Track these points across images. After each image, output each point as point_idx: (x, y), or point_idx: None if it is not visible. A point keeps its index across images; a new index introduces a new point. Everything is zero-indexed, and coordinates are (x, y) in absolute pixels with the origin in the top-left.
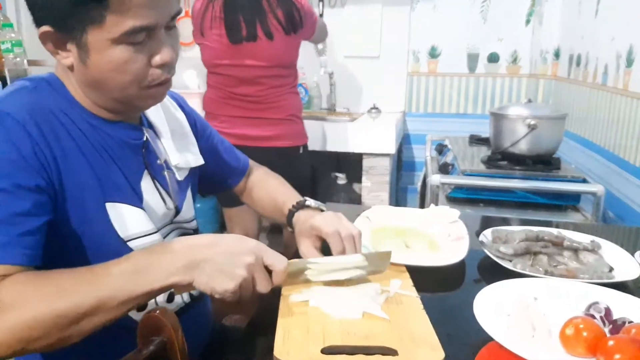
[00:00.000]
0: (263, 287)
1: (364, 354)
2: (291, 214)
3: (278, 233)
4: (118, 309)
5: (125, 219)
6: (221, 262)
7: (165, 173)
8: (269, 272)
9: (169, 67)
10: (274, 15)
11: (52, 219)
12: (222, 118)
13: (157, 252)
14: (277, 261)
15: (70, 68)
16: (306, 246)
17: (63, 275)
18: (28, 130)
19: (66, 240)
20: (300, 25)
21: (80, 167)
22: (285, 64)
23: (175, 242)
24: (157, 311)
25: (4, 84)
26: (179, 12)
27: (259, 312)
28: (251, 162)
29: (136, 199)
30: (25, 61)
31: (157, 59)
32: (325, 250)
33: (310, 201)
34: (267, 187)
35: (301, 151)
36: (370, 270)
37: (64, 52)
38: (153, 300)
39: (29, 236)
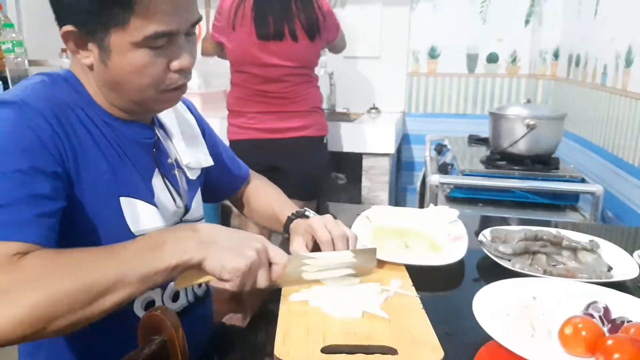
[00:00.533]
0: (264, 279)
1: (363, 353)
2: (290, 220)
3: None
4: (139, 284)
5: (138, 214)
6: (232, 242)
7: (176, 172)
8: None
9: (186, 72)
10: (299, 20)
11: (65, 207)
12: (250, 115)
13: (171, 231)
14: (279, 255)
15: (90, 67)
16: (298, 243)
17: (81, 252)
18: (47, 119)
19: (79, 230)
20: (318, 33)
21: (96, 160)
22: (309, 65)
23: (187, 225)
24: (158, 310)
25: (5, 84)
26: (199, 20)
27: (259, 312)
28: (251, 172)
29: (149, 196)
30: (26, 61)
31: (176, 64)
32: (316, 250)
33: (309, 212)
34: (265, 196)
35: (325, 141)
36: (360, 268)
37: (84, 52)
38: (160, 299)
39: (46, 217)
